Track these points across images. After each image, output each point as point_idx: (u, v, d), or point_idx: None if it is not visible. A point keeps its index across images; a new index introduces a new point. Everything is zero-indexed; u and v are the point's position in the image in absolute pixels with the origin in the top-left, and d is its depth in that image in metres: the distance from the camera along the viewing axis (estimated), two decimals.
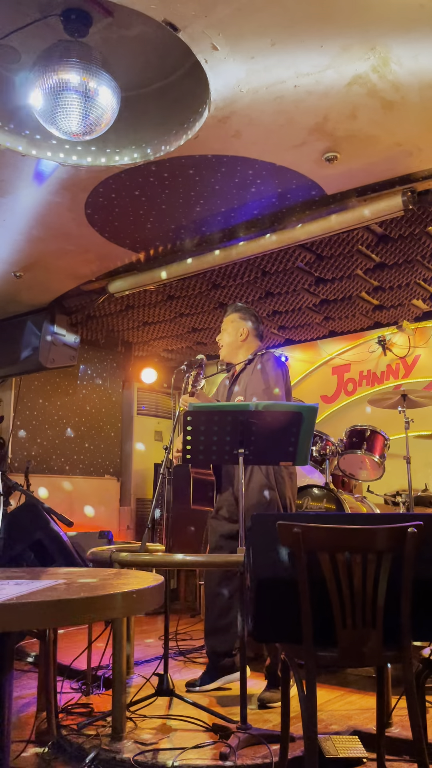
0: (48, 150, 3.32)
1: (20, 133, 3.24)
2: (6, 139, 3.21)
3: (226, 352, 3.63)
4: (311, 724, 1.88)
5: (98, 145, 3.35)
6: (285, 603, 1.95)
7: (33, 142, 3.28)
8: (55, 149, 3.32)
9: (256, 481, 3.29)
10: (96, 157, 3.38)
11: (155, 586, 1.63)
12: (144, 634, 4.78)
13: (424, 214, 3.95)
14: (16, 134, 3.24)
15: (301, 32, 2.49)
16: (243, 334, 3.57)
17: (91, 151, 3.37)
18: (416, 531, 1.89)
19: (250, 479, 3.29)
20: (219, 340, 3.66)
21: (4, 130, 3.20)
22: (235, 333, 3.58)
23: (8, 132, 3.22)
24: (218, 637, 3.35)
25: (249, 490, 3.25)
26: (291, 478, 3.40)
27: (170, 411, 7.51)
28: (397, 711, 2.54)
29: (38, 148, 3.30)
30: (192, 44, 2.55)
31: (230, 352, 3.61)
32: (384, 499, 5.29)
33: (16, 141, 3.25)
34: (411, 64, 2.67)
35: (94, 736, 2.62)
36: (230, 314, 3.65)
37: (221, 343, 3.64)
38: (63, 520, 3.48)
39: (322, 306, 5.58)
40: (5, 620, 1.32)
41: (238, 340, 3.58)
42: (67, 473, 6.54)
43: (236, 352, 3.59)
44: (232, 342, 3.59)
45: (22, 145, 3.27)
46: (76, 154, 3.36)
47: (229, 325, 3.62)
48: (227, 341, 3.60)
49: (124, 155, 3.36)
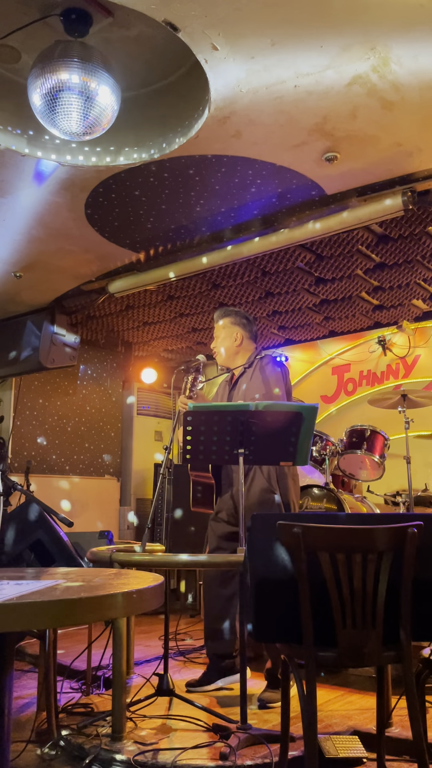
0: (48, 150, 3.32)
1: (20, 133, 3.24)
2: (6, 139, 3.21)
3: (222, 359, 3.61)
4: (311, 724, 1.88)
5: (98, 145, 3.35)
6: (285, 603, 1.95)
7: (33, 142, 3.28)
8: (55, 149, 3.32)
9: (258, 485, 3.27)
10: (96, 157, 3.38)
11: (155, 586, 1.63)
12: (144, 634, 4.78)
13: (424, 214, 3.95)
14: (16, 134, 3.24)
15: (301, 32, 2.49)
16: (237, 339, 3.55)
17: (91, 151, 3.37)
18: (416, 531, 1.90)
19: (252, 483, 3.28)
20: (213, 347, 3.64)
21: (4, 130, 3.20)
22: (230, 339, 3.56)
23: (8, 132, 3.22)
24: (218, 639, 3.34)
25: (250, 494, 3.25)
26: (294, 479, 3.39)
27: (170, 411, 7.51)
28: (397, 711, 2.54)
29: (38, 148, 3.30)
30: (192, 44, 2.55)
31: (227, 359, 3.59)
32: (384, 499, 5.29)
33: (17, 141, 3.25)
34: (411, 64, 2.67)
35: (94, 736, 2.62)
36: (221, 320, 3.61)
37: (216, 350, 3.62)
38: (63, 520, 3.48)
39: (322, 306, 5.58)
40: (5, 620, 1.32)
41: (233, 346, 3.56)
42: (67, 473, 6.54)
43: (233, 358, 3.58)
44: (227, 348, 3.57)
45: (22, 145, 3.27)
46: (76, 154, 3.36)
47: (222, 332, 3.59)
48: (222, 348, 3.58)
49: (124, 155, 3.36)
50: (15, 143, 3.25)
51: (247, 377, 3.47)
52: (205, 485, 3.46)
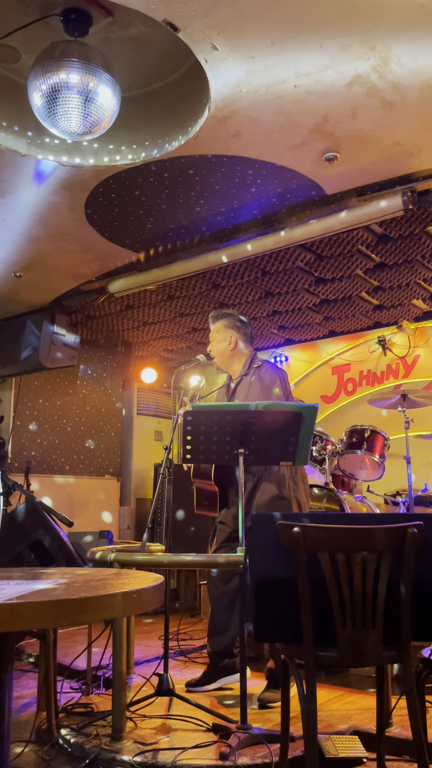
0: (48, 150, 3.32)
1: (20, 133, 3.24)
2: (6, 139, 3.21)
3: (218, 363, 3.61)
4: (311, 724, 1.88)
5: (98, 145, 3.35)
6: (285, 603, 1.94)
7: (33, 142, 3.28)
8: (55, 149, 3.32)
9: (268, 492, 3.24)
10: (96, 157, 3.38)
11: (155, 586, 1.63)
12: (144, 634, 4.78)
13: (424, 214, 3.95)
14: (16, 134, 3.24)
15: (301, 32, 2.49)
16: (231, 343, 3.53)
17: (91, 151, 3.37)
18: (416, 531, 1.89)
19: (263, 490, 3.25)
20: (210, 351, 3.62)
21: (4, 129, 3.20)
22: (224, 343, 3.54)
23: (8, 132, 3.22)
24: (220, 637, 3.34)
25: (260, 501, 3.22)
26: (303, 481, 3.38)
27: (170, 411, 7.51)
28: (397, 711, 2.54)
29: (38, 148, 3.30)
30: (192, 44, 2.55)
31: (222, 362, 3.58)
32: (384, 499, 5.29)
33: (16, 141, 3.25)
34: (411, 64, 2.67)
35: (94, 736, 2.62)
36: (216, 323, 3.59)
37: (212, 354, 3.60)
38: (63, 520, 3.49)
39: (322, 306, 5.58)
40: (5, 620, 1.32)
41: (227, 350, 3.53)
42: (67, 473, 6.54)
43: (229, 362, 3.56)
44: (222, 352, 3.55)
45: (22, 145, 3.27)
46: (76, 153, 3.36)
47: (217, 335, 3.57)
48: (217, 351, 3.57)
49: (124, 155, 3.36)
50: (15, 143, 3.25)
51: (245, 386, 3.44)
52: (208, 492, 3.46)
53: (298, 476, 3.35)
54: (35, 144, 3.29)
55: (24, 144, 3.27)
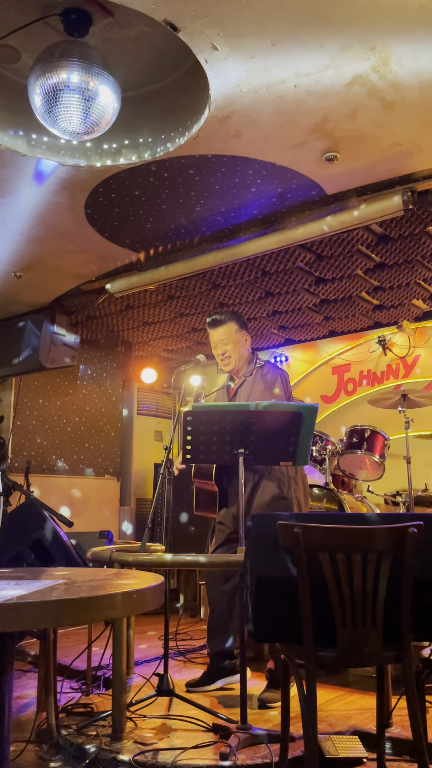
0: (48, 150, 3.32)
1: (20, 132, 3.24)
2: (6, 139, 3.21)
3: (238, 365, 3.51)
4: (311, 724, 1.88)
5: (98, 145, 3.35)
6: (285, 603, 1.94)
7: (33, 142, 3.28)
8: (55, 149, 3.32)
9: (269, 492, 3.24)
10: (96, 157, 3.38)
11: (155, 586, 1.63)
12: (144, 634, 4.78)
13: (424, 214, 3.95)
14: (16, 134, 3.23)
15: (301, 32, 2.49)
16: (246, 344, 3.53)
17: (91, 151, 3.37)
18: (416, 531, 1.90)
19: (263, 490, 3.25)
20: (225, 351, 3.49)
21: (4, 130, 3.20)
22: (244, 344, 3.51)
23: (8, 132, 3.22)
24: (220, 638, 3.34)
25: (261, 502, 3.23)
26: (303, 481, 3.38)
27: (170, 411, 7.51)
28: (397, 711, 2.53)
29: (38, 148, 3.30)
30: (192, 44, 2.55)
31: (241, 363, 3.51)
32: (384, 499, 5.29)
33: (17, 141, 3.25)
34: (411, 64, 2.67)
35: (94, 736, 2.62)
36: (227, 324, 3.49)
37: (228, 354, 3.48)
38: (63, 520, 3.49)
39: (322, 306, 5.58)
40: (5, 620, 1.32)
41: (245, 352, 3.52)
42: (67, 473, 6.54)
43: (244, 363, 3.54)
44: (242, 356, 3.50)
45: (22, 145, 3.27)
46: (76, 153, 3.36)
47: (234, 336, 3.48)
48: (239, 354, 3.49)
49: (123, 155, 3.36)
50: (15, 143, 3.25)
51: (248, 387, 3.43)
52: (209, 492, 3.46)
53: (298, 476, 3.35)
54: (35, 144, 3.28)
55: (24, 144, 3.27)
